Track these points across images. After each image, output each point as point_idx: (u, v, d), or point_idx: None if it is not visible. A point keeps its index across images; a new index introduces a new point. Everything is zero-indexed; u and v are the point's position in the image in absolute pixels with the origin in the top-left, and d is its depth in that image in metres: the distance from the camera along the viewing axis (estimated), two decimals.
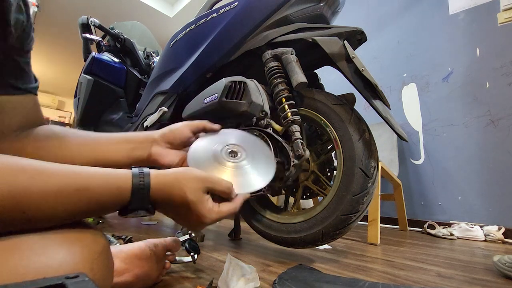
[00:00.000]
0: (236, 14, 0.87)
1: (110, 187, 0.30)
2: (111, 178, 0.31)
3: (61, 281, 0.18)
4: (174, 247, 0.58)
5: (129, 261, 0.48)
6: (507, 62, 1.62)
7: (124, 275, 0.46)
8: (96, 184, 0.29)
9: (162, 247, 0.55)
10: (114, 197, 0.31)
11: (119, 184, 0.31)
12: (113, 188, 0.30)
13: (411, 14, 2.09)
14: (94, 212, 0.31)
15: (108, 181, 0.30)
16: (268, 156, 0.51)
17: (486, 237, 1.43)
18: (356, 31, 0.76)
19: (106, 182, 0.30)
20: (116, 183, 0.31)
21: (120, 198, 0.31)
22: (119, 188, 0.31)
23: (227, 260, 0.54)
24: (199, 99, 0.87)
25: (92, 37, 1.48)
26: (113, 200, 0.31)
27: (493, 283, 0.67)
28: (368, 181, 0.70)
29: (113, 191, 0.30)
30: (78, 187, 0.28)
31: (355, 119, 0.75)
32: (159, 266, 0.54)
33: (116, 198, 0.31)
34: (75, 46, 4.80)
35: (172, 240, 0.58)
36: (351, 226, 0.73)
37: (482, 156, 1.64)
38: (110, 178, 0.31)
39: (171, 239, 0.59)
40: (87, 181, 0.29)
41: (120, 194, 0.31)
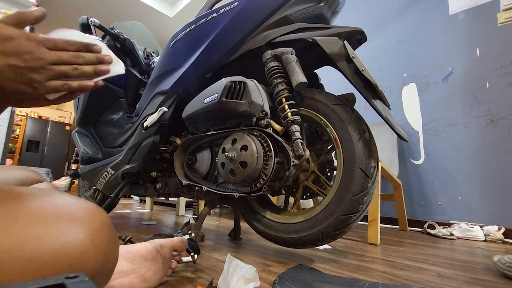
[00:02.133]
0: (236, 14, 0.87)
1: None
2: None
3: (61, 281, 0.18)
4: (180, 247, 0.59)
5: (135, 261, 0.48)
6: (507, 62, 1.62)
7: (131, 275, 0.46)
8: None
9: (168, 248, 0.55)
10: None
11: None
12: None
13: (411, 14, 2.09)
14: None
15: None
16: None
17: (486, 237, 1.43)
18: (356, 31, 0.76)
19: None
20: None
21: None
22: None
23: (227, 260, 0.54)
24: (199, 99, 0.87)
25: None
26: None
27: (493, 283, 0.67)
28: (368, 181, 0.70)
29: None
30: None
31: (355, 119, 0.75)
32: (165, 267, 0.54)
33: None
34: None
35: (178, 241, 0.59)
36: (351, 226, 0.73)
37: (482, 156, 1.64)
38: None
39: (178, 239, 0.59)
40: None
41: None
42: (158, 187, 1.13)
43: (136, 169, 1.07)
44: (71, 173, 1.54)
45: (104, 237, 0.29)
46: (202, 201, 1.86)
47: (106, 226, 0.30)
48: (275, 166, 0.75)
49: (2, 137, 2.39)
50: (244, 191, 0.81)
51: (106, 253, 0.29)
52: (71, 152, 6.18)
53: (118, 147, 1.26)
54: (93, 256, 0.27)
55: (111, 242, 0.31)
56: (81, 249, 0.27)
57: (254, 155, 0.76)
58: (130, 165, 1.08)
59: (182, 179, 0.97)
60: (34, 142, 5.96)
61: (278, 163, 0.76)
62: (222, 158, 0.82)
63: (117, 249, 0.32)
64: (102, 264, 0.29)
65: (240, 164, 0.77)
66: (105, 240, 0.29)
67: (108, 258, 0.30)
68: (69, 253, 0.26)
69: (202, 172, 0.97)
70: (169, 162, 1.11)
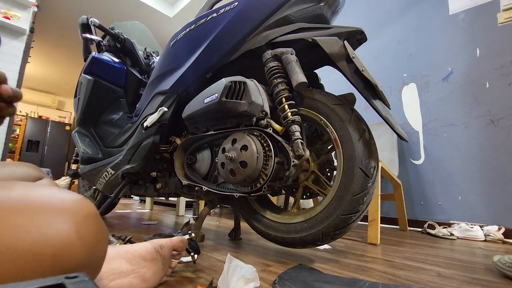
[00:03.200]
0: (236, 14, 0.87)
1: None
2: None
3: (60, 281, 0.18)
4: (180, 247, 0.59)
5: (135, 262, 0.47)
6: (507, 62, 1.62)
7: (130, 276, 0.46)
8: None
9: (168, 248, 0.55)
10: None
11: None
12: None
13: (411, 14, 2.09)
14: None
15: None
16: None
17: (486, 237, 1.43)
18: (356, 31, 0.76)
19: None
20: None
21: None
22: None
23: (227, 260, 0.54)
24: (199, 99, 0.87)
25: (92, 37, 1.48)
26: None
27: (493, 283, 0.67)
28: (368, 181, 0.70)
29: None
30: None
31: (355, 119, 0.75)
32: (165, 267, 0.53)
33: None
34: (75, 46, 4.81)
35: (178, 240, 0.58)
36: (351, 226, 0.73)
37: (482, 156, 1.64)
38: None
39: (177, 239, 0.59)
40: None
41: None
42: (158, 187, 1.13)
43: (136, 169, 1.07)
44: (71, 173, 1.55)
45: (90, 228, 0.29)
46: (202, 201, 1.86)
47: (92, 217, 0.29)
48: (275, 166, 0.75)
49: (2, 137, 2.39)
50: (244, 191, 0.81)
51: (92, 245, 0.28)
52: (71, 152, 6.18)
53: (118, 147, 1.26)
54: (78, 247, 0.27)
55: (98, 233, 0.30)
56: (64, 240, 0.26)
57: (254, 155, 0.76)
58: (130, 165, 1.08)
59: (182, 179, 0.97)
60: (34, 142, 5.96)
61: (278, 163, 0.76)
62: (222, 158, 0.82)
63: (105, 241, 0.31)
64: (88, 256, 0.28)
65: (240, 164, 0.77)
66: (91, 231, 0.28)
67: (95, 250, 0.29)
68: (51, 244, 0.25)
69: (202, 172, 0.97)
70: (169, 162, 1.11)
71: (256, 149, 0.76)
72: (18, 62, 2.50)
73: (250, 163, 0.76)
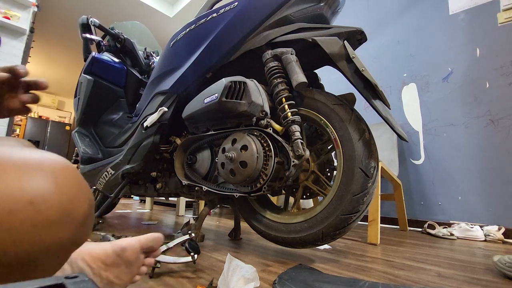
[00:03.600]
0: (236, 14, 0.87)
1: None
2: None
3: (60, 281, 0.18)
4: (150, 247, 0.52)
5: (95, 265, 0.45)
6: (507, 62, 1.62)
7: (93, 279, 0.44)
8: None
9: (132, 250, 0.50)
10: None
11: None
12: None
13: (411, 14, 2.10)
14: None
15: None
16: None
17: (486, 237, 1.43)
18: (356, 31, 0.76)
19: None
20: None
21: None
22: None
23: (227, 260, 0.54)
24: (199, 99, 0.87)
25: (92, 37, 1.48)
26: None
27: (493, 283, 0.67)
28: (368, 181, 0.70)
29: None
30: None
31: (355, 119, 0.75)
32: (131, 269, 0.49)
33: None
34: (75, 46, 4.81)
35: (148, 240, 0.51)
36: (351, 226, 0.73)
37: (482, 156, 1.64)
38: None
39: (147, 237, 0.52)
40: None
41: None
42: (158, 187, 1.13)
43: (136, 169, 1.07)
44: None
45: (68, 179, 0.27)
46: (202, 201, 1.86)
47: (70, 169, 0.28)
48: (275, 166, 0.75)
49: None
50: (244, 191, 0.81)
51: (72, 195, 0.27)
52: (71, 152, 6.19)
53: (118, 147, 1.26)
54: (56, 195, 0.25)
55: (78, 185, 0.28)
56: (41, 188, 0.24)
57: (254, 155, 0.76)
58: (130, 165, 1.08)
59: (182, 179, 0.97)
60: (34, 142, 5.96)
61: (278, 163, 0.76)
62: (222, 158, 0.82)
63: (87, 195, 0.30)
64: (68, 206, 0.26)
65: (240, 164, 0.77)
66: (69, 182, 0.27)
67: (75, 200, 0.27)
68: (27, 190, 0.24)
69: (202, 172, 0.97)
70: (169, 162, 1.11)
71: (256, 149, 0.76)
72: (18, 62, 2.50)
73: (250, 163, 0.76)
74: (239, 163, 0.77)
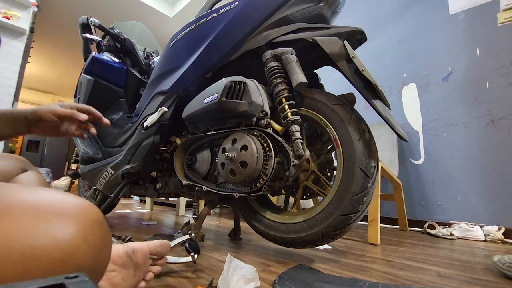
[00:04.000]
0: (236, 14, 0.87)
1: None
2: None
3: (61, 281, 0.18)
4: (159, 252, 0.54)
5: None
6: (507, 62, 1.62)
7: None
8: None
9: (142, 253, 0.51)
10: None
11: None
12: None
13: (411, 14, 2.10)
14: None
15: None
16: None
17: (486, 237, 1.43)
18: (356, 31, 0.76)
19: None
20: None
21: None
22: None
23: (227, 260, 0.54)
24: (199, 99, 0.87)
25: (92, 37, 1.48)
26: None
27: (493, 283, 0.67)
28: (368, 181, 0.70)
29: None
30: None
31: (355, 119, 0.75)
32: (139, 273, 0.50)
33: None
34: (75, 46, 4.80)
35: (156, 245, 0.54)
36: (351, 226, 0.73)
37: (482, 156, 1.64)
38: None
39: (156, 243, 0.55)
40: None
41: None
42: (158, 187, 1.13)
43: (136, 169, 1.07)
44: (71, 173, 1.54)
45: (97, 233, 0.29)
46: (202, 201, 1.86)
47: (99, 222, 0.30)
48: (275, 166, 0.75)
49: None
50: (244, 191, 0.81)
51: (98, 250, 0.29)
52: (71, 152, 6.18)
53: (118, 147, 1.26)
54: (85, 252, 0.27)
55: (104, 239, 0.30)
56: (73, 244, 0.26)
57: (254, 155, 0.76)
58: (130, 165, 1.08)
59: (182, 179, 0.97)
60: (34, 142, 5.96)
61: (278, 163, 0.76)
62: (222, 158, 0.82)
63: (110, 246, 0.32)
64: (94, 260, 0.28)
65: (240, 164, 0.77)
66: (97, 236, 0.29)
67: (100, 255, 0.29)
68: (60, 247, 0.25)
69: (202, 172, 0.97)
70: (169, 162, 1.11)
71: (256, 149, 0.76)
72: (18, 62, 2.50)
73: (250, 163, 0.76)
74: (239, 163, 0.77)
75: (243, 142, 0.78)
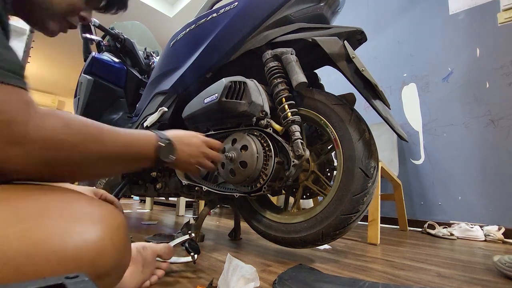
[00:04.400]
0: (236, 14, 0.87)
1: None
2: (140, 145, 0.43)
3: (61, 281, 0.18)
4: (165, 254, 0.57)
5: None
6: (507, 62, 1.62)
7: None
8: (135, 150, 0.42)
9: (151, 251, 0.54)
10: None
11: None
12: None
13: (411, 14, 2.09)
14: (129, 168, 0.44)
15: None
16: None
17: (486, 237, 1.43)
18: (356, 31, 0.76)
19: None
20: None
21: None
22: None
23: (227, 260, 0.54)
24: (199, 99, 0.87)
25: (92, 37, 1.48)
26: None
27: (493, 283, 0.67)
28: (368, 181, 0.70)
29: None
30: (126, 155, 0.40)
31: (355, 119, 0.75)
32: (146, 271, 0.52)
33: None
34: (75, 46, 4.80)
35: (164, 247, 0.57)
36: (351, 226, 0.73)
37: (482, 156, 1.64)
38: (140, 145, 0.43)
39: (163, 245, 0.57)
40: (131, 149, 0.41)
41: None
42: (158, 187, 1.13)
43: None
44: None
45: (122, 237, 0.31)
46: (202, 201, 1.86)
47: (123, 226, 0.33)
48: (275, 166, 0.75)
49: None
50: (244, 191, 0.81)
51: (122, 252, 0.31)
52: None
53: None
54: (111, 254, 0.29)
55: (127, 242, 0.33)
56: (101, 247, 0.28)
57: (254, 155, 0.76)
58: None
59: (182, 179, 0.97)
60: None
61: (278, 163, 0.76)
62: (222, 158, 0.82)
63: (130, 249, 0.34)
64: (118, 262, 0.30)
65: (240, 164, 0.77)
66: (122, 239, 0.31)
67: (123, 257, 0.31)
68: (90, 249, 0.28)
69: (202, 172, 0.97)
70: None
71: (256, 149, 0.76)
72: None
73: (250, 163, 0.76)
74: (239, 163, 0.77)
75: (243, 142, 0.78)
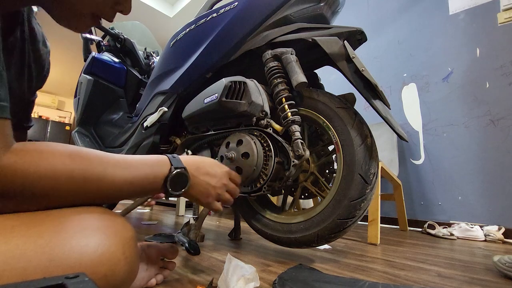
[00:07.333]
0: (236, 14, 0.87)
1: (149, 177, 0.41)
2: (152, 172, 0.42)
3: (61, 281, 0.18)
4: (170, 253, 0.56)
5: None
6: (507, 62, 1.62)
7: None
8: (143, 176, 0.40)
9: (156, 249, 0.54)
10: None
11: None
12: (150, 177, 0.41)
13: (411, 14, 2.09)
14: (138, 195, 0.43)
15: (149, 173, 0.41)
16: None
17: (486, 237, 1.43)
18: (356, 31, 0.76)
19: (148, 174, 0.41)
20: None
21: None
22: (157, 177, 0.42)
23: (227, 260, 0.54)
24: (199, 99, 0.87)
25: (92, 37, 1.48)
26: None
27: (493, 283, 0.67)
28: (367, 187, 0.70)
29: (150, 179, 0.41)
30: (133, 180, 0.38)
31: (358, 123, 0.74)
32: (150, 269, 0.52)
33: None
34: (75, 46, 4.80)
35: (168, 246, 0.56)
36: (347, 231, 0.72)
37: (482, 156, 1.64)
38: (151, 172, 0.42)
39: (168, 245, 0.57)
40: (139, 175, 0.39)
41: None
42: None
43: None
44: None
45: (132, 250, 0.33)
46: None
47: (133, 239, 0.34)
48: (275, 166, 0.75)
49: None
50: (244, 191, 0.81)
51: (132, 264, 0.32)
52: None
53: (118, 147, 1.26)
54: (123, 267, 0.31)
55: (136, 254, 0.34)
56: (114, 260, 0.30)
57: (254, 155, 0.76)
58: None
59: None
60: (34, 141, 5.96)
61: (278, 163, 0.76)
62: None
63: (139, 260, 0.36)
64: (129, 274, 0.32)
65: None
66: (133, 252, 0.33)
67: (133, 268, 0.33)
68: (105, 263, 0.29)
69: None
70: None
71: (256, 149, 0.76)
72: None
73: (250, 163, 0.76)
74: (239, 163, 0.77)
75: (243, 142, 0.78)
